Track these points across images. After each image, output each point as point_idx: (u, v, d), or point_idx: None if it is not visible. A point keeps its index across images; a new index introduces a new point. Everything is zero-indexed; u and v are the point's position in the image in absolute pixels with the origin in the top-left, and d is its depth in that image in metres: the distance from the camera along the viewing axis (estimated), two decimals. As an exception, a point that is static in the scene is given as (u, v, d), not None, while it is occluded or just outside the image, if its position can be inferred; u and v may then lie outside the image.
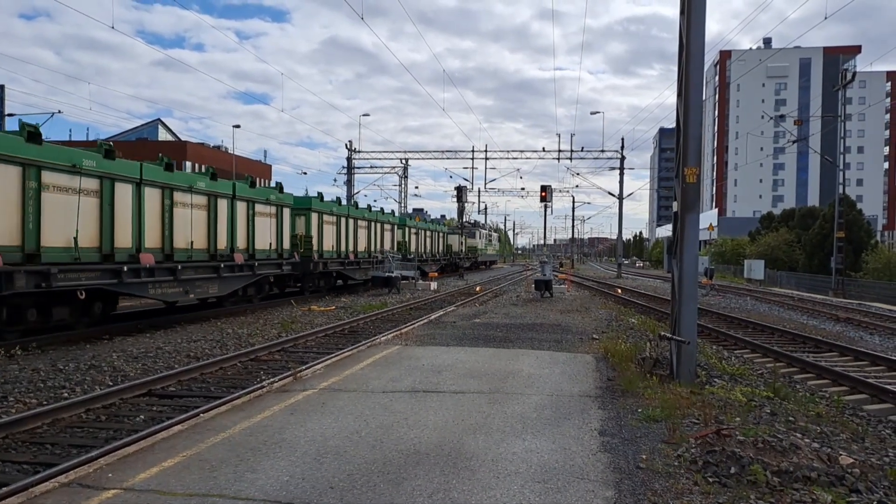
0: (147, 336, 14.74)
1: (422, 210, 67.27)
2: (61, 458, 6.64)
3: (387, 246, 36.00)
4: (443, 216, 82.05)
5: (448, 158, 53.58)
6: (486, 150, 53.63)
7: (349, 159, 53.42)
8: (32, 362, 11.24)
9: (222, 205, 19.07)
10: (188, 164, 60.96)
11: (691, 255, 9.29)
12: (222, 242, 19.17)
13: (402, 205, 61.28)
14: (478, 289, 33.15)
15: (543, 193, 44.73)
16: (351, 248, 30.47)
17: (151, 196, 16.12)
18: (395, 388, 8.73)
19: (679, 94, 9.48)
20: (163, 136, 76.46)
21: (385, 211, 37.00)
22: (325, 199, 27.20)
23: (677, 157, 9.49)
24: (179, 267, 16.79)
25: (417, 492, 5.02)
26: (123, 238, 15.27)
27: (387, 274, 29.59)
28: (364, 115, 58.82)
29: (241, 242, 20.22)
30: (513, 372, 10.01)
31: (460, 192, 46.51)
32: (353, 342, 14.44)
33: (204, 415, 7.25)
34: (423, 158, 54.89)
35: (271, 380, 9.55)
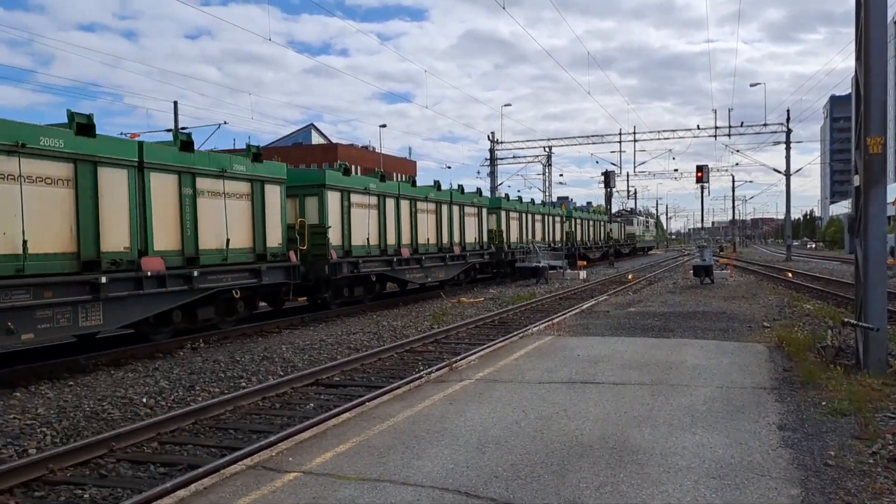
0: (311, 329, 15.59)
1: (567, 198, 66.36)
2: (244, 443, 7.14)
3: (557, 236, 39.52)
4: (589, 203, 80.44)
5: (593, 143, 52.35)
6: (634, 132, 51.84)
7: (492, 151, 53.64)
8: (213, 354, 12.21)
9: (444, 209, 24.70)
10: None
11: (878, 233, 8.38)
12: (445, 238, 24.69)
13: (547, 193, 60.70)
14: (630, 277, 32.12)
15: (699, 174, 42.34)
16: (530, 238, 34.69)
17: (405, 206, 21.70)
18: (551, 378, 8.61)
19: (858, 57, 8.57)
20: (316, 139, 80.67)
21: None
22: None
23: (857, 125, 8.59)
24: (423, 258, 22.37)
25: (584, 484, 4.90)
26: (391, 238, 20.77)
27: (534, 264, 29.40)
28: (506, 105, 59.12)
29: (456, 237, 25.65)
30: (676, 363, 9.56)
31: (608, 178, 45.26)
32: (504, 333, 14.46)
33: (369, 403, 7.52)
34: (566, 145, 54.03)
35: (429, 370, 9.75)
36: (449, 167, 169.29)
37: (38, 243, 10.35)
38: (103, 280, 11.11)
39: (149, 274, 12.06)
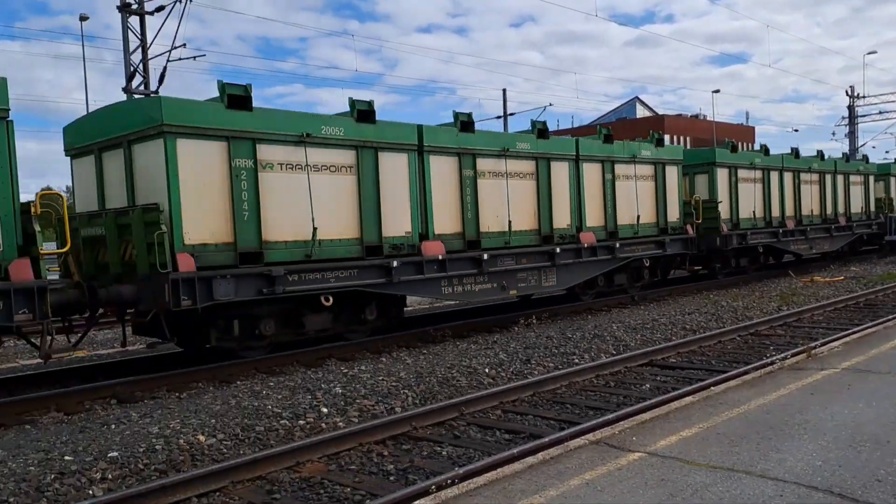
0: (642, 308, 15.22)
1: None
2: (581, 418, 7.18)
3: None
4: None
5: None
6: None
7: (850, 108, 46.61)
8: (545, 330, 12.55)
9: (827, 179, 24.07)
10: (666, 137, 61.37)
11: None
12: (829, 209, 24.12)
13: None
14: None
15: None
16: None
17: (787, 178, 22.05)
18: (946, 372, 7.11)
19: None
20: (640, 112, 78.61)
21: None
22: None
23: None
24: (808, 229, 22.50)
25: None
26: (776, 210, 21.32)
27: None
28: (869, 52, 50.83)
29: (841, 208, 24.91)
30: None
31: None
32: (872, 317, 12.45)
33: (714, 388, 7.01)
34: (949, 95, 44.48)
35: (781, 356, 8.78)
36: (796, 130, 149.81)
37: (517, 222, 13.50)
38: (557, 250, 14.00)
39: (585, 245, 14.70)
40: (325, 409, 7.47)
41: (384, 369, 9.58)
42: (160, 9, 21.17)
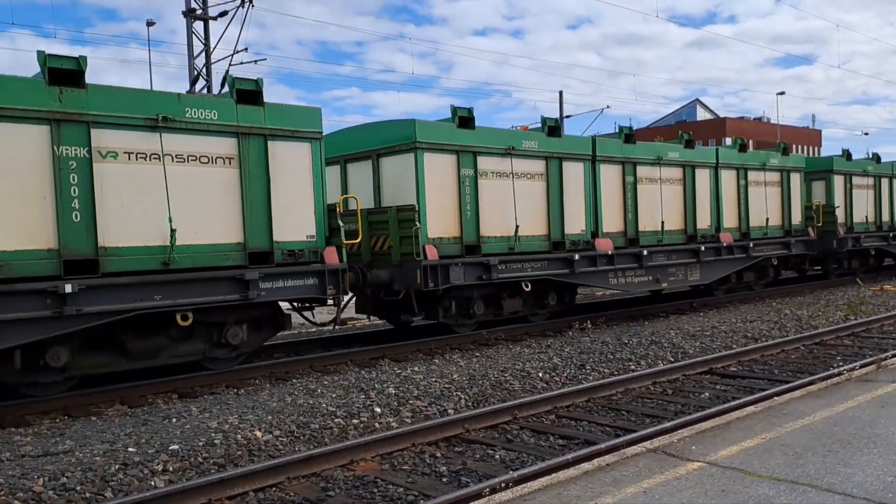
0: (700, 315, 14.86)
1: None
2: (637, 426, 7.04)
3: None
4: None
5: None
6: None
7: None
8: (601, 335, 12.37)
9: None
10: (727, 140, 59.93)
11: None
12: None
13: None
14: None
15: None
16: None
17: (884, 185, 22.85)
18: None
19: None
20: (701, 115, 76.92)
21: None
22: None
23: None
24: None
25: None
26: (886, 215, 22.31)
27: None
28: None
29: None
30: None
31: None
32: (949, 329, 11.87)
33: (777, 398, 6.80)
34: None
35: (849, 367, 8.45)
36: (866, 133, 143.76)
37: (669, 222, 15.28)
38: (702, 248, 15.64)
39: (724, 244, 16.23)
40: (378, 409, 7.52)
41: (437, 371, 9.58)
42: (223, 14, 21.75)
